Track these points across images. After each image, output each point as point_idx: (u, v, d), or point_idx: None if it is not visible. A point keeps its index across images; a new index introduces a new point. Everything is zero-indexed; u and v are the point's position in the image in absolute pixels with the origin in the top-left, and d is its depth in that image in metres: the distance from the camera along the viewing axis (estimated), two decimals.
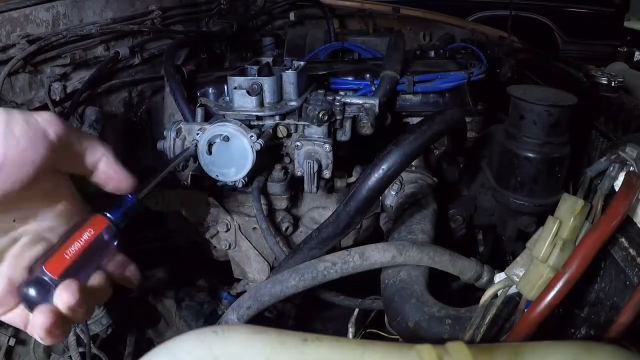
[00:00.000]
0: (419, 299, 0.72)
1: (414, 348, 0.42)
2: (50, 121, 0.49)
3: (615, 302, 0.58)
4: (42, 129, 0.48)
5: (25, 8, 1.05)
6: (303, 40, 1.83)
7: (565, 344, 0.45)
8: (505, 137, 0.97)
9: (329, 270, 0.75)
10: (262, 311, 0.79)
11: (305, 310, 1.22)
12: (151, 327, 1.23)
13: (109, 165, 0.56)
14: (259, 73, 0.98)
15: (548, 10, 4.43)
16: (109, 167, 0.56)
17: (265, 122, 0.95)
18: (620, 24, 4.65)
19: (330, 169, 0.96)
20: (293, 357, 0.41)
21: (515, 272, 0.60)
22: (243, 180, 0.91)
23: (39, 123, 0.48)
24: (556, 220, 0.56)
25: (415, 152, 0.74)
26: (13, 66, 0.96)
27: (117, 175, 0.57)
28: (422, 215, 0.92)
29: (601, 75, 1.10)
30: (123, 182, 0.58)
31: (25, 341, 0.96)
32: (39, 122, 0.48)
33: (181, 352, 0.41)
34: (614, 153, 0.62)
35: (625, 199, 0.53)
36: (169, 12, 1.57)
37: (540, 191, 0.94)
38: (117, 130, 1.28)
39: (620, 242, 0.58)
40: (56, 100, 1.06)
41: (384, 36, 1.71)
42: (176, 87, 1.16)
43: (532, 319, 0.53)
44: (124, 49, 1.27)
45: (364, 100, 1.02)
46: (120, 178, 0.57)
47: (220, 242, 1.03)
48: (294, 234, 1.03)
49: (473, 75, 1.23)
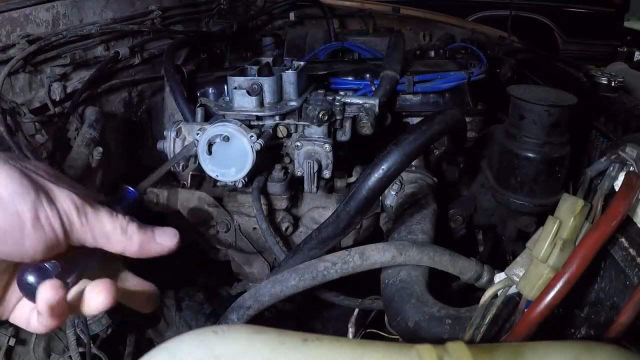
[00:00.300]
0: (419, 299, 0.72)
1: (414, 348, 0.42)
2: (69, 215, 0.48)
3: (615, 302, 0.58)
4: (62, 222, 0.47)
5: (25, 8, 1.05)
6: (303, 40, 1.83)
7: (565, 344, 0.45)
8: (505, 137, 0.97)
9: (329, 270, 0.75)
10: (262, 311, 0.79)
11: (305, 310, 1.22)
12: (151, 327, 1.23)
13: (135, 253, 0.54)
14: (259, 73, 0.98)
15: (548, 10, 4.43)
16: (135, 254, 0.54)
17: (265, 122, 0.95)
18: (620, 24, 4.65)
19: (330, 169, 0.96)
20: (293, 357, 0.41)
21: (515, 272, 0.60)
22: (243, 180, 0.91)
23: (60, 213, 0.47)
24: (556, 220, 0.56)
25: (415, 152, 0.74)
26: (13, 66, 0.95)
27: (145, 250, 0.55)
28: (422, 215, 0.92)
29: (601, 75, 1.10)
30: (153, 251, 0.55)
31: (25, 341, 0.96)
32: (60, 213, 0.47)
33: (181, 352, 0.41)
34: (614, 153, 0.62)
35: (625, 199, 0.53)
36: (169, 12, 1.57)
37: (540, 191, 0.94)
38: (117, 130, 1.28)
39: (620, 242, 0.58)
40: (56, 100, 1.06)
41: (384, 36, 1.71)
42: (176, 87, 1.16)
43: (532, 319, 0.53)
44: (124, 49, 1.27)
45: (364, 100, 1.02)
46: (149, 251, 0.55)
47: (220, 242, 1.03)
48: (294, 234, 1.03)
49: (473, 75, 1.23)
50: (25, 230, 0.45)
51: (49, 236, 0.46)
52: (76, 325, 0.97)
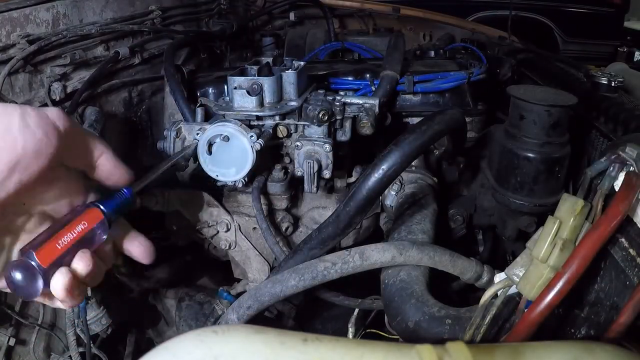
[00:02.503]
0: (419, 299, 0.72)
1: (414, 348, 0.42)
2: (59, 116, 0.52)
3: (615, 302, 0.58)
4: (52, 122, 0.51)
5: (25, 8, 1.05)
6: (303, 40, 1.83)
7: (565, 344, 0.45)
8: (505, 137, 0.97)
9: (329, 270, 0.75)
10: (262, 311, 0.79)
11: (305, 310, 1.22)
12: (151, 327, 1.23)
13: (109, 160, 0.59)
14: (259, 73, 0.98)
15: (548, 10, 4.43)
16: (109, 163, 0.59)
17: (265, 122, 0.95)
18: (620, 24, 4.65)
19: (330, 169, 0.96)
20: (293, 357, 0.41)
21: (515, 272, 0.60)
22: (243, 180, 0.91)
23: (50, 117, 0.51)
24: (556, 220, 0.56)
25: (415, 152, 0.74)
26: (13, 66, 0.96)
27: (116, 170, 0.60)
28: (422, 215, 0.92)
29: (601, 75, 1.10)
30: (122, 177, 0.61)
31: (25, 341, 0.96)
32: (49, 117, 0.51)
33: (181, 352, 0.41)
34: (614, 153, 0.62)
35: (625, 199, 0.53)
36: (169, 12, 1.57)
37: (540, 191, 0.94)
38: (117, 130, 1.28)
39: (620, 242, 0.58)
40: (56, 100, 1.06)
41: (384, 36, 1.71)
42: (176, 87, 1.16)
43: (532, 319, 0.53)
44: (124, 49, 1.27)
45: (364, 100, 1.02)
46: (120, 173, 0.60)
47: (220, 242, 1.03)
48: (294, 234, 1.03)
49: (473, 75, 1.23)
50: (18, 139, 0.48)
51: (41, 139, 0.49)
52: (76, 325, 0.97)
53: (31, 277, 0.51)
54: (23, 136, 0.48)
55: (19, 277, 0.51)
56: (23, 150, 0.48)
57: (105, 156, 0.58)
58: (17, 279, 0.51)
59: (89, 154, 0.57)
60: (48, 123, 0.50)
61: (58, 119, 0.51)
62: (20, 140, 0.48)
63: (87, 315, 0.98)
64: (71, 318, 0.97)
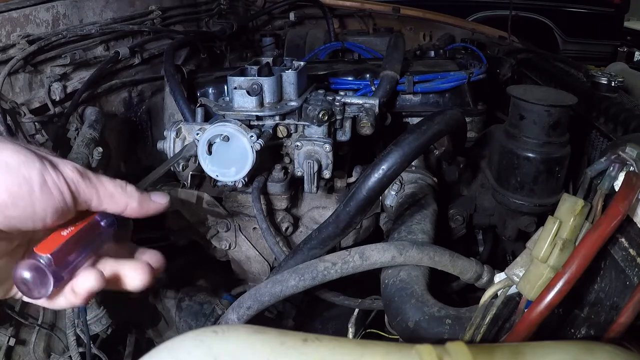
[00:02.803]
0: (419, 299, 0.72)
1: (414, 348, 0.42)
2: (73, 179, 0.51)
3: (615, 302, 0.58)
4: (67, 185, 0.50)
5: (25, 8, 1.05)
6: (303, 40, 1.83)
7: (565, 344, 0.45)
8: (505, 137, 0.97)
9: (329, 270, 0.75)
10: (262, 311, 0.79)
11: (305, 310, 1.22)
12: (151, 327, 1.23)
13: (135, 209, 0.57)
14: (259, 73, 0.98)
15: (548, 10, 4.43)
16: (136, 210, 0.57)
17: (265, 122, 0.95)
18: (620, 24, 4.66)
19: (330, 169, 0.96)
20: (293, 357, 0.41)
21: (515, 272, 0.60)
22: (243, 180, 0.91)
23: (65, 178, 0.50)
24: (556, 220, 0.56)
25: (415, 152, 0.74)
26: (13, 66, 0.96)
27: (144, 208, 0.58)
28: (422, 215, 0.92)
29: (601, 75, 1.10)
30: (151, 210, 0.59)
31: (25, 341, 0.96)
32: (65, 177, 0.50)
33: (181, 352, 0.41)
34: (614, 153, 0.62)
35: (625, 199, 0.53)
36: (169, 12, 1.58)
37: (540, 191, 0.94)
38: (117, 130, 1.28)
39: (620, 242, 0.58)
40: (56, 100, 1.06)
41: (384, 36, 1.71)
42: (176, 87, 1.16)
43: (532, 319, 0.53)
44: (124, 49, 1.27)
45: (364, 100, 1.02)
46: (147, 209, 0.59)
47: (220, 242, 1.03)
48: (294, 234, 1.03)
49: (473, 75, 1.23)
50: (35, 195, 0.48)
51: (57, 199, 0.49)
52: (76, 325, 0.97)
53: (42, 277, 0.51)
54: (40, 195, 0.48)
55: (27, 276, 0.51)
56: (38, 205, 0.48)
57: (128, 201, 0.56)
58: (25, 277, 0.51)
59: (110, 204, 0.55)
60: (63, 183, 0.50)
61: (72, 180, 0.51)
62: (37, 197, 0.48)
63: (87, 315, 0.98)
64: (71, 318, 0.97)
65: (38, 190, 0.48)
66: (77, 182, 0.51)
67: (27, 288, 0.51)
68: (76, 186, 0.51)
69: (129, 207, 0.56)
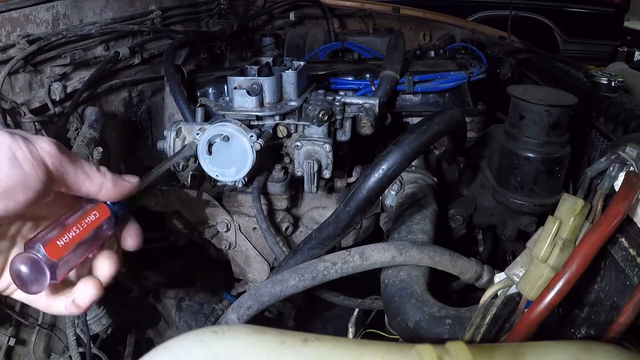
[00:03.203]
0: (419, 299, 0.72)
1: (414, 348, 0.42)
2: (49, 150, 0.50)
3: (615, 302, 0.58)
4: (41, 158, 0.49)
5: (25, 8, 1.05)
6: (303, 40, 1.83)
7: (565, 344, 0.45)
8: (505, 137, 0.97)
9: (329, 270, 0.75)
10: (262, 311, 0.79)
11: (305, 310, 1.22)
12: (151, 327, 1.23)
13: (109, 181, 0.57)
14: (259, 73, 0.98)
15: (548, 10, 4.43)
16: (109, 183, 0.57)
17: (265, 122, 0.95)
18: (620, 24, 4.66)
19: (330, 169, 0.96)
20: (293, 357, 0.41)
21: (515, 272, 0.60)
22: (243, 180, 0.91)
23: (39, 152, 0.49)
24: (556, 220, 0.56)
25: (415, 152, 0.74)
26: (13, 66, 0.96)
27: (118, 187, 0.58)
28: (422, 215, 0.92)
29: (601, 75, 1.10)
30: (125, 190, 0.59)
31: (25, 341, 0.96)
32: (39, 151, 0.49)
33: (181, 352, 0.41)
34: (614, 153, 0.62)
35: (625, 199, 0.53)
36: (169, 12, 1.57)
37: (540, 191, 0.94)
38: (117, 130, 1.28)
39: (620, 242, 0.58)
40: (56, 100, 1.06)
41: (384, 36, 1.71)
42: (176, 87, 1.16)
43: (532, 319, 0.53)
44: (124, 49, 1.27)
45: (364, 100, 1.02)
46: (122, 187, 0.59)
47: (220, 242, 1.03)
48: (294, 234, 1.03)
49: (473, 75, 1.23)
50: (4, 171, 0.46)
51: (28, 173, 0.48)
52: (76, 325, 0.97)
53: (38, 271, 0.51)
54: (9, 170, 0.47)
55: (24, 270, 0.51)
56: (8, 182, 0.47)
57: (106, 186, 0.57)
58: (23, 272, 0.51)
59: (86, 181, 0.55)
60: (36, 157, 0.49)
61: (48, 153, 0.50)
62: (5, 172, 0.47)
63: (87, 315, 0.98)
64: (71, 318, 0.97)
65: (7, 165, 0.46)
66: (53, 155, 0.50)
67: (22, 282, 0.51)
68: (53, 160, 0.50)
69: (105, 187, 0.56)
